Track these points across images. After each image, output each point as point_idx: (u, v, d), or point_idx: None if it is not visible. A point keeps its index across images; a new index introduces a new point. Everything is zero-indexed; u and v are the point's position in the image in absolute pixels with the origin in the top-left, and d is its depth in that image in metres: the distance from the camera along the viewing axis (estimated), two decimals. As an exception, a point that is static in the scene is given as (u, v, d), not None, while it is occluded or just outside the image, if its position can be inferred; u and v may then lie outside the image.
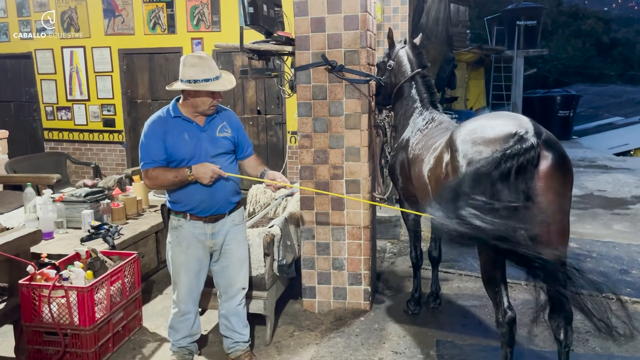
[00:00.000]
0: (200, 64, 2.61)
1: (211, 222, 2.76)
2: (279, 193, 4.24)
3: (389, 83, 3.56)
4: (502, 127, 2.34)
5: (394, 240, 5.21)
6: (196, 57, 2.65)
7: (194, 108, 2.68)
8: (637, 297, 3.73)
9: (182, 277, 2.80)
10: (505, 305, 2.42)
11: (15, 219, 4.03)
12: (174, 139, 2.66)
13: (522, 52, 14.43)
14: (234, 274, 2.88)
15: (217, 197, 2.73)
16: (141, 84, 7.46)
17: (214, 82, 2.63)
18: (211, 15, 6.97)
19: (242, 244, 2.92)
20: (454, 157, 2.48)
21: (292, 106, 6.42)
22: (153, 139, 2.66)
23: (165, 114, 2.72)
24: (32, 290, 2.88)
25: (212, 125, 2.75)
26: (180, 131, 2.67)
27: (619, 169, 9.32)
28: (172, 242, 2.81)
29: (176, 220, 2.78)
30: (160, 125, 2.68)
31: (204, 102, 2.66)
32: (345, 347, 3.14)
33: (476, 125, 2.47)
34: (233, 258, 2.86)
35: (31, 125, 8.11)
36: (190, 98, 2.66)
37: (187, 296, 2.83)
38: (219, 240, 2.81)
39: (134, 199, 4.33)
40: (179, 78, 2.65)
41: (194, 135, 2.69)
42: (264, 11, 3.50)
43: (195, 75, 2.59)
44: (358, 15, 3.28)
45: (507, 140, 2.23)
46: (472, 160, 2.33)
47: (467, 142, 2.40)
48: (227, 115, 2.86)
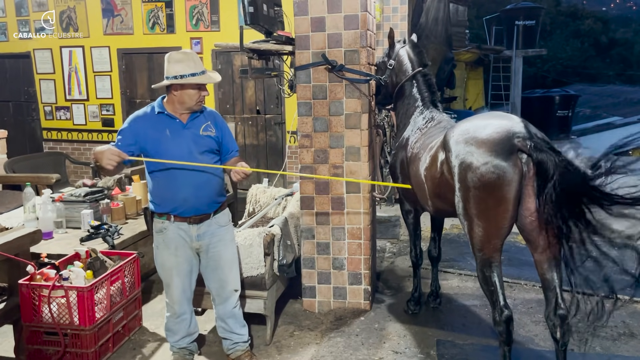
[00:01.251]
0: (185, 59, 2.62)
1: (196, 223, 2.74)
2: (278, 193, 4.24)
3: (390, 82, 3.56)
4: (494, 128, 2.39)
5: (394, 239, 5.21)
6: (180, 53, 2.67)
7: (181, 104, 2.67)
8: (636, 296, 3.72)
9: (174, 279, 2.79)
10: (502, 304, 2.45)
11: (14, 219, 4.02)
12: (155, 134, 2.66)
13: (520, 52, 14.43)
14: (224, 276, 2.86)
15: (201, 196, 2.71)
16: (140, 84, 7.45)
17: (201, 75, 2.64)
18: (210, 15, 6.97)
19: (230, 246, 2.89)
20: (447, 157, 2.54)
21: (292, 106, 6.43)
22: (128, 127, 2.67)
23: (150, 110, 2.73)
24: (32, 290, 2.87)
25: (195, 123, 2.74)
26: (162, 127, 2.67)
27: (618, 169, 9.32)
28: (159, 245, 2.79)
29: (160, 223, 2.75)
30: (143, 119, 2.70)
31: (191, 96, 2.65)
32: (345, 347, 3.14)
33: (469, 125, 2.52)
34: (221, 260, 2.83)
35: (30, 125, 8.10)
36: (177, 94, 2.65)
37: (181, 297, 2.82)
38: (205, 241, 2.78)
39: (133, 198, 4.32)
40: (165, 75, 2.65)
41: (176, 132, 2.68)
42: (264, 10, 3.50)
43: (181, 70, 2.60)
44: (358, 14, 3.28)
45: (502, 142, 2.32)
46: (463, 161, 2.40)
47: (460, 143, 2.46)
48: (212, 115, 2.85)
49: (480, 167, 2.34)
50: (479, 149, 2.36)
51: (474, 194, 2.39)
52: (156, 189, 2.74)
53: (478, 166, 2.34)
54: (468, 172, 2.38)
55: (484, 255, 2.46)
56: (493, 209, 2.37)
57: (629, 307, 3.61)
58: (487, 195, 2.35)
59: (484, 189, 2.35)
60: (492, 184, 2.32)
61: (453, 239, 5.19)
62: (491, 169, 2.31)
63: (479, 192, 2.37)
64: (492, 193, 2.34)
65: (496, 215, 2.38)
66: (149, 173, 2.75)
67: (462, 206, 2.48)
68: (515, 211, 2.38)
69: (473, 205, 2.41)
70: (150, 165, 2.71)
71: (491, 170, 2.31)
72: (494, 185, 2.32)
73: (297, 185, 3.95)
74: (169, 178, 2.68)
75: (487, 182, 2.33)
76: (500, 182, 2.31)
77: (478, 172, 2.34)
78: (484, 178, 2.33)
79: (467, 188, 2.41)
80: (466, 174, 2.39)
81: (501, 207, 2.35)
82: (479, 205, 2.40)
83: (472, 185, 2.38)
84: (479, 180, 2.35)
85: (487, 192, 2.35)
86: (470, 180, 2.37)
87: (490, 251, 2.44)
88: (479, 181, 2.35)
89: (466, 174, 2.39)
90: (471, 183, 2.38)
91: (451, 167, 2.50)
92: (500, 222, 2.39)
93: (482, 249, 2.46)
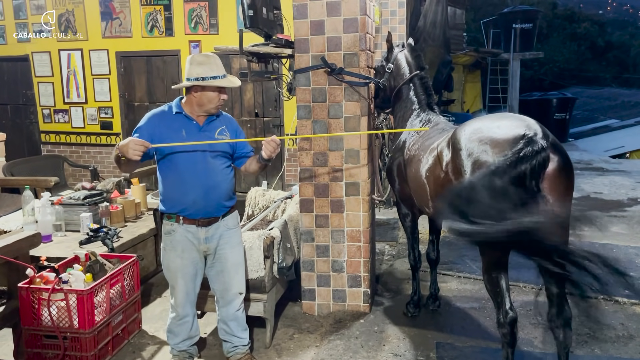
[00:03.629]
0: (207, 62, 2.65)
1: (204, 226, 2.75)
2: (278, 196, 4.25)
3: (389, 86, 3.57)
4: (509, 128, 2.34)
5: (393, 242, 5.21)
6: (203, 55, 2.69)
7: (200, 106, 2.70)
8: (634, 299, 3.74)
9: (179, 281, 2.80)
10: (507, 306, 2.43)
11: (13, 222, 4.02)
12: (171, 134, 2.67)
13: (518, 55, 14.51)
14: (229, 279, 2.87)
15: (210, 199, 2.73)
16: (139, 87, 7.45)
17: (222, 79, 2.67)
18: (209, 18, 6.98)
19: (237, 248, 2.90)
20: (457, 156, 2.47)
21: (290, 109, 6.44)
22: (146, 124, 2.68)
23: (167, 109, 2.75)
24: (32, 293, 2.87)
25: (211, 126, 2.77)
26: (178, 127, 2.69)
27: (615, 172, 9.37)
28: (167, 247, 2.80)
29: (169, 225, 2.77)
30: (160, 117, 2.71)
31: (211, 99, 2.68)
32: (345, 350, 3.14)
33: (481, 124, 2.47)
34: (228, 263, 2.85)
35: (28, 128, 8.08)
36: (197, 96, 2.68)
37: (184, 300, 2.83)
38: (213, 244, 2.80)
39: (132, 201, 4.32)
40: (185, 77, 2.67)
41: (192, 133, 2.70)
42: (264, 14, 3.51)
43: (203, 72, 2.63)
44: (357, 18, 3.29)
45: (517, 142, 2.24)
46: (477, 159, 2.34)
47: (473, 141, 2.39)
48: (227, 119, 2.88)
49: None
50: (494, 148, 2.31)
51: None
52: (166, 189, 2.75)
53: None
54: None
55: (492, 256, 2.44)
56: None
57: (628, 309, 3.62)
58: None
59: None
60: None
61: (451, 241, 5.19)
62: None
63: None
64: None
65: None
66: (159, 173, 2.76)
67: None
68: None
69: None
70: (161, 166, 2.73)
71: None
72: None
73: (296, 188, 3.96)
74: (179, 179, 2.69)
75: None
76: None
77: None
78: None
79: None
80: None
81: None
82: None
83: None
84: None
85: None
86: None
87: (499, 252, 2.42)
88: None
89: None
90: None
91: (461, 165, 2.43)
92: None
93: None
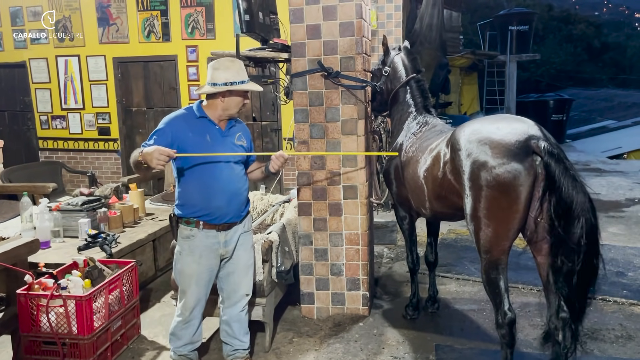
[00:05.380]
0: (233, 67, 2.68)
1: (224, 230, 2.77)
2: (276, 199, 4.25)
3: (385, 89, 3.59)
4: (510, 128, 2.38)
5: (391, 245, 5.22)
6: (228, 60, 2.72)
7: (225, 110, 2.71)
8: (633, 299, 3.75)
9: (192, 287, 2.79)
10: (506, 307, 2.44)
11: (11, 229, 4.01)
12: (195, 138, 2.67)
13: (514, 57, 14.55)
14: (238, 280, 2.88)
15: (233, 205, 2.76)
16: (136, 92, 7.46)
17: (247, 84, 2.70)
18: (206, 23, 7.00)
19: (249, 250, 2.94)
20: (456, 156, 2.50)
21: (288, 113, 6.45)
22: (166, 128, 2.65)
23: (189, 113, 2.74)
24: (30, 299, 2.86)
25: (232, 132, 2.80)
26: (203, 132, 2.69)
27: (613, 172, 9.38)
28: (183, 251, 2.77)
29: (188, 230, 2.74)
30: (183, 121, 2.70)
31: (237, 104, 2.71)
32: (344, 353, 3.14)
33: (480, 125, 2.50)
34: (240, 264, 2.87)
35: (26, 135, 8.09)
36: (225, 100, 2.69)
37: (195, 305, 2.82)
38: (231, 247, 2.81)
39: (130, 207, 4.32)
40: (210, 82, 2.67)
41: (216, 138, 2.72)
42: (260, 19, 3.52)
43: (231, 77, 2.65)
44: (353, 22, 3.30)
45: (517, 142, 2.31)
46: (476, 160, 2.37)
47: (473, 142, 2.42)
48: (242, 126, 2.91)
49: (496, 167, 2.32)
50: (493, 148, 2.34)
51: (487, 194, 2.36)
52: (187, 194, 2.73)
53: (494, 165, 2.32)
54: (482, 171, 2.35)
55: (491, 257, 2.44)
56: (505, 210, 2.35)
57: (627, 309, 3.63)
58: (500, 195, 2.33)
59: (498, 189, 2.33)
60: (507, 184, 2.31)
61: (450, 243, 5.21)
62: (508, 169, 2.29)
63: (492, 192, 2.34)
64: (506, 193, 2.32)
65: (507, 216, 2.36)
66: (179, 178, 2.74)
67: (472, 206, 2.44)
68: (526, 213, 2.36)
69: (484, 205, 2.38)
70: (182, 171, 2.71)
71: (507, 170, 2.29)
72: (509, 185, 2.30)
73: (294, 192, 3.96)
74: (203, 185, 2.69)
75: (502, 182, 2.31)
76: (516, 182, 2.30)
77: (493, 172, 2.32)
78: (499, 178, 2.31)
79: (479, 187, 2.38)
80: (479, 173, 2.36)
81: (513, 208, 2.33)
82: (490, 205, 2.37)
83: (486, 185, 2.35)
84: (494, 180, 2.32)
85: (500, 192, 2.33)
86: (484, 180, 2.35)
87: (498, 253, 2.43)
88: (494, 180, 2.32)
89: (479, 172, 2.36)
90: (485, 182, 2.35)
91: (460, 165, 2.46)
92: (511, 224, 2.37)
93: (490, 251, 2.44)
